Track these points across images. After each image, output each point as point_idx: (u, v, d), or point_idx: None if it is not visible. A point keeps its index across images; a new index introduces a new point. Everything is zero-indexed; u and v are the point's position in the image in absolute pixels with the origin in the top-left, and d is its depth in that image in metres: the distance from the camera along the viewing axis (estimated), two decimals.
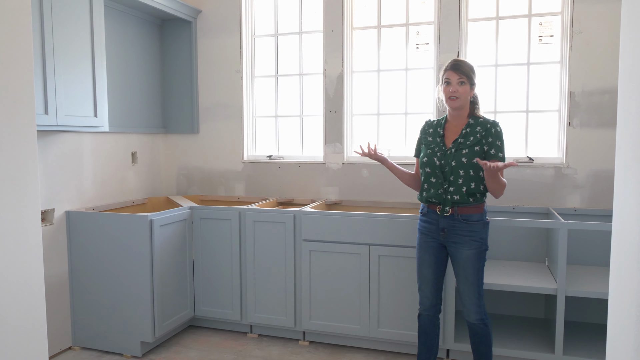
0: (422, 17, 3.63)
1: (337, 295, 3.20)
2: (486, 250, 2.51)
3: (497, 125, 2.48)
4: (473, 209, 2.46)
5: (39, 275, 1.49)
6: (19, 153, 1.40)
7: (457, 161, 2.44)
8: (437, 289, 2.59)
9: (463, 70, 2.44)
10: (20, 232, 1.43)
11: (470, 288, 2.47)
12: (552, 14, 3.37)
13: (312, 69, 3.93)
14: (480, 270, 2.48)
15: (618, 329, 1.22)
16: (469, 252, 2.45)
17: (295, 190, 3.92)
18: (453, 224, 2.47)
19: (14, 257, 1.42)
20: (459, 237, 2.46)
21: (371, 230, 3.09)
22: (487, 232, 2.51)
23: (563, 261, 2.74)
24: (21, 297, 1.45)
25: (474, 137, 2.46)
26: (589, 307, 3.26)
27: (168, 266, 3.26)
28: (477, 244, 2.45)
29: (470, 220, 2.45)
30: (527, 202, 3.40)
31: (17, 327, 1.46)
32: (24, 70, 1.39)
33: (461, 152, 2.45)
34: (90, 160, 3.43)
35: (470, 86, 2.46)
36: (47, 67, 2.67)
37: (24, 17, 1.39)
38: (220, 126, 4.09)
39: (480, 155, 2.44)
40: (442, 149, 2.50)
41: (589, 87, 3.24)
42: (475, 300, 2.48)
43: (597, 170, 3.26)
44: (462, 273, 2.48)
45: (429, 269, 2.57)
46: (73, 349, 3.28)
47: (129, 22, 3.71)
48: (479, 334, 2.52)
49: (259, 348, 3.28)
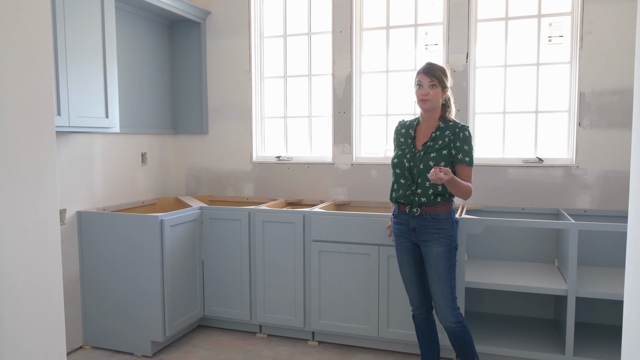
0: (431, 18, 3.64)
1: (346, 295, 3.21)
2: (456, 248, 2.55)
3: (465, 129, 2.51)
4: (441, 208, 2.50)
5: (57, 276, 1.51)
6: (38, 154, 1.42)
7: (425, 164, 2.49)
8: (421, 287, 2.64)
9: (434, 74, 2.48)
10: (40, 231, 1.44)
11: (442, 287, 2.49)
12: (562, 14, 3.37)
13: (320, 70, 3.94)
14: (451, 269, 2.51)
15: (634, 331, 1.21)
16: (439, 249, 2.48)
17: (304, 191, 3.93)
18: (422, 223, 2.51)
19: (34, 256, 1.45)
20: (428, 234, 2.50)
21: (380, 231, 3.09)
22: (456, 230, 2.56)
23: (574, 262, 2.74)
24: (40, 295, 1.47)
25: (442, 141, 2.50)
26: (599, 308, 3.25)
27: (178, 266, 3.28)
28: (446, 241, 2.49)
29: (439, 218, 2.49)
30: (536, 203, 3.39)
31: (36, 326, 1.48)
32: (43, 72, 1.41)
33: (429, 155, 2.50)
34: (100, 161, 3.45)
35: (441, 89, 2.50)
36: (60, 68, 2.70)
37: (44, 20, 1.41)
38: (229, 127, 4.11)
39: (448, 159, 2.49)
40: (412, 150, 2.55)
41: (599, 87, 3.23)
42: (449, 302, 2.50)
43: (607, 171, 3.25)
44: (434, 271, 2.50)
45: (409, 269, 2.62)
46: (84, 348, 3.30)
47: (139, 23, 3.74)
48: (459, 336, 2.53)
49: (268, 348, 3.29)
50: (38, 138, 1.41)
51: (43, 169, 1.42)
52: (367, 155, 3.85)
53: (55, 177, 1.46)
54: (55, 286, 1.49)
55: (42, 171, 1.41)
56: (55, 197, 1.46)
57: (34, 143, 1.41)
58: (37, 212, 1.42)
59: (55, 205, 1.47)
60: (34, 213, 1.42)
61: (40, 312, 1.47)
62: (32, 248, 1.43)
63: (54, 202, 1.46)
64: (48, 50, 1.41)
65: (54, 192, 1.46)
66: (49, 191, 1.43)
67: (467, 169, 2.50)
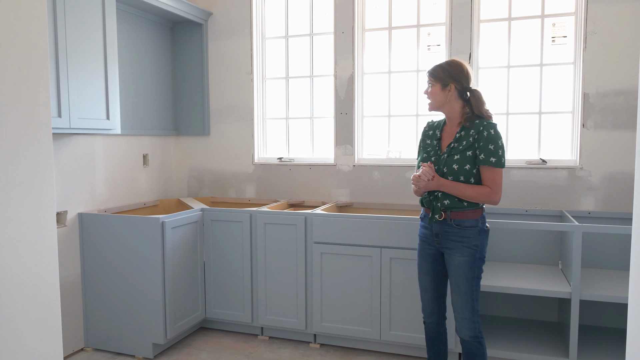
0: (434, 19, 3.62)
1: (348, 297, 3.19)
2: (481, 260, 2.35)
3: (491, 127, 2.31)
4: (467, 214, 2.32)
5: (54, 278, 1.49)
6: (35, 156, 1.41)
7: (449, 167, 2.33)
8: (436, 297, 2.50)
9: (431, 73, 2.40)
10: (37, 234, 1.43)
11: (462, 299, 2.33)
12: (565, 14, 3.34)
13: (322, 71, 3.93)
14: (474, 281, 2.33)
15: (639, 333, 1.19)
16: (461, 259, 2.31)
17: (306, 192, 3.92)
18: (446, 229, 2.35)
19: (30, 259, 1.43)
20: (451, 242, 2.34)
21: (383, 233, 3.08)
22: (483, 239, 2.35)
23: (577, 264, 2.71)
24: (37, 299, 1.46)
25: (466, 141, 2.33)
26: (603, 311, 3.22)
27: (179, 268, 3.27)
28: (470, 251, 2.31)
29: (463, 225, 2.32)
30: (540, 205, 3.36)
31: (32, 329, 1.47)
32: (40, 74, 1.40)
33: (453, 157, 2.34)
34: (102, 163, 3.45)
35: (441, 86, 2.36)
36: (60, 70, 2.69)
37: (40, 22, 1.40)
38: (231, 128, 4.10)
39: (473, 161, 2.31)
40: (437, 153, 2.41)
41: (603, 88, 3.20)
42: (467, 315, 2.33)
43: (611, 173, 3.22)
44: (454, 282, 2.35)
45: (427, 276, 2.49)
46: (85, 350, 3.29)
47: (141, 25, 3.73)
48: (473, 352, 2.36)
49: (270, 350, 3.28)
50: (35, 141, 1.40)
51: (40, 172, 1.40)
52: (369, 157, 3.83)
53: (52, 180, 1.45)
54: (52, 290, 1.48)
55: (38, 174, 1.40)
56: (52, 200, 1.45)
57: (30, 146, 1.39)
58: (34, 215, 1.41)
59: (52, 208, 1.46)
60: (30, 216, 1.40)
61: (37, 316, 1.46)
62: (28, 252, 1.42)
63: (51, 205, 1.45)
64: (45, 52, 1.40)
65: (51, 195, 1.44)
66: (45, 194, 1.42)
67: (491, 170, 2.29)
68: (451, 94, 2.37)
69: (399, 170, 3.64)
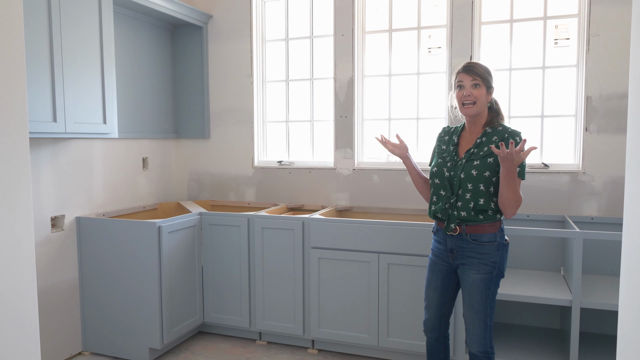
0: (434, 21, 3.57)
1: (346, 303, 3.15)
2: (499, 276, 2.22)
3: (517, 135, 2.19)
4: (484, 228, 2.18)
5: (32, 291, 1.46)
6: (10, 164, 1.38)
7: (467, 173, 2.19)
8: (441, 315, 2.37)
9: (477, 72, 2.19)
10: (13, 245, 1.40)
11: (475, 316, 2.21)
12: (568, 16, 3.28)
13: (322, 74, 3.90)
14: (489, 298, 2.20)
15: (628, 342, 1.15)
16: (477, 276, 2.19)
17: (306, 196, 3.89)
18: (461, 244, 2.22)
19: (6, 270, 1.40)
20: (467, 258, 2.21)
21: (381, 238, 3.04)
22: (502, 255, 2.21)
23: (578, 272, 2.65)
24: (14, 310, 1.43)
25: (488, 148, 2.19)
26: (605, 318, 3.16)
27: (177, 272, 3.25)
28: (487, 268, 2.18)
29: (480, 240, 2.18)
30: (542, 210, 3.31)
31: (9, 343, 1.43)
32: (17, 80, 1.37)
33: (472, 163, 2.20)
34: (101, 166, 3.44)
35: (487, 89, 2.21)
36: (56, 74, 2.68)
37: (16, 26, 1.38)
38: (231, 131, 4.08)
39: (494, 168, 2.16)
40: (453, 158, 2.27)
41: (607, 91, 3.14)
42: (479, 331, 2.21)
43: (615, 177, 3.16)
44: (468, 299, 2.23)
45: (434, 292, 2.36)
46: (83, 354, 3.29)
47: (140, 28, 3.73)
48: None
49: (267, 355, 3.25)
50: (11, 148, 1.37)
51: (16, 180, 1.37)
52: (369, 160, 3.79)
53: (29, 190, 1.41)
54: (30, 303, 1.44)
55: (14, 182, 1.37)
56: (29, 211, 1.41)
57: (6, 154, 1.36)
58: (7, 228, 1.38)
59: (30, 219, 1.42)
60: (5, 228, 1.37)
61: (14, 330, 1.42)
62: (4, 262, 1.39)
63: (28, 214, 1.42)
64: (21, 56, 1.37)
65: (28, 205, 1.41)
66: (22, 203, 1.39)
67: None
68: (489, 98, 2.26)
69: (399, 174, 3.60)
